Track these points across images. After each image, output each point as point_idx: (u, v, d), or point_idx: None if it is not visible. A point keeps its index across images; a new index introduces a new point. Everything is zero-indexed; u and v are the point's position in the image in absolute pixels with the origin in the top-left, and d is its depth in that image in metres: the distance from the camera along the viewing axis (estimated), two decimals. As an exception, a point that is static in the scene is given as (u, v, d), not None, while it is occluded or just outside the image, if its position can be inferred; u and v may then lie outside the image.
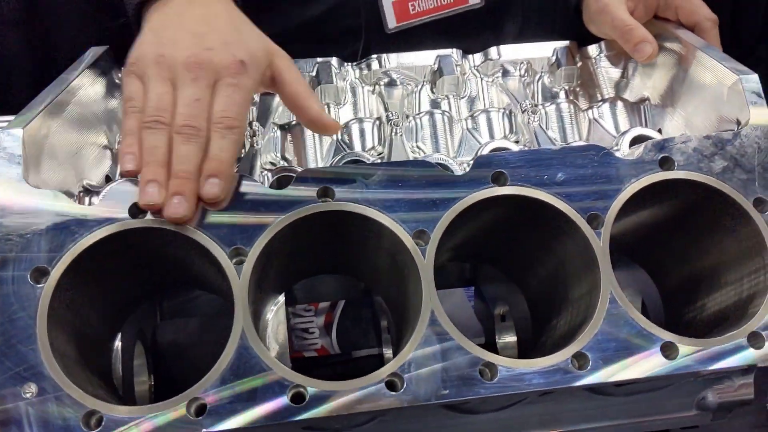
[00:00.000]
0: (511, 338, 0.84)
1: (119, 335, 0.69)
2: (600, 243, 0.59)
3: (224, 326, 0.56)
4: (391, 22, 1.03)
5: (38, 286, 0.54)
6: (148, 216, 0.57)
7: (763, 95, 0.65)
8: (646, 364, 0.57)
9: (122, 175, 0.59)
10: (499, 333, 0.87)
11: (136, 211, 0.57)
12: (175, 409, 0.53)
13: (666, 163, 0.62)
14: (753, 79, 0.65)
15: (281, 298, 0.74)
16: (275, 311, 0.74)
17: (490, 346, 0.88)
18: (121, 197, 0.57)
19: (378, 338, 0.84)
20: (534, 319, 0.76)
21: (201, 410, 0.53)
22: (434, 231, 0.58)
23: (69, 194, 0.66)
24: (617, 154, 0.72)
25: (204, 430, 0.52)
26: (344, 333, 0.99)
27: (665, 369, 0.58)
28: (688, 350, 0.58)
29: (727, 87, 0.67)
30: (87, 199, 0.66)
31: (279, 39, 1.10)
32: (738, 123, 0.65)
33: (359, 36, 1.03)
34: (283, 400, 0.53)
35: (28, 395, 0.52)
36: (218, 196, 0.57)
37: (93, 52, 0.78)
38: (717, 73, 0.69)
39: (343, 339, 0.99)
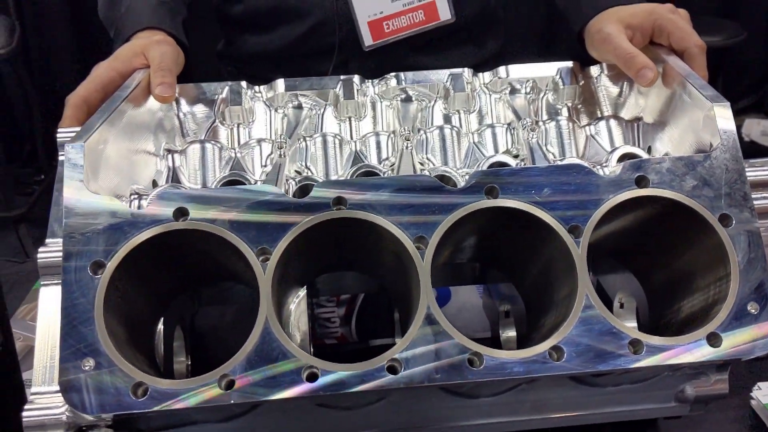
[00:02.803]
0: (512, 333, 0.92)
1: (161, 320, 0.80)
2: (579, 251, 0.67)
3: (254, 315, 0.65)
4: (368, 41, 1.13)
5: (96, 276, 0.64)
6: (189, 218, 0.67)
7: (733, 120, 0.72)
8: (616, 358, 0.66)
9: None
10: (502, 328, 0.94)
11: (178, 214, 0.67)
12: (208, 383, 0.63)
13: (642, 182, 0.70)
14: (725, 107, 0.72)
15: (303, 291, 0.83)
16: (298, 302, 0.83)
17: (495, 339, 0.97)
18: (166, 201, 0.67)
19: (392, 329, 0.92)
20: (528, 317, 0.84)
21: (230, 385, 0.63)
22: (432, 237, 0.67)
23: (121, 198, 0.77)
24: (605, 169, 0.80)
25: (232, 401, 0.62)
26: (362, 323, 1.08)
27: (632, 362, 0.66)
28: (653, 347, 0.66)
29: (703, 114, 0.74)
30: (136, 203, 0.76)
31: (274, 57, 1.24)
32: (711, 146, 0.73)
33: (341, 51, 1.14)
34: (298, 379, 0.63)
35: (86, 368, 0.62)
36: None
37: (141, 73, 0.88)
38: (696, 101, 0.76)
39: (361, 329, 1.08)
